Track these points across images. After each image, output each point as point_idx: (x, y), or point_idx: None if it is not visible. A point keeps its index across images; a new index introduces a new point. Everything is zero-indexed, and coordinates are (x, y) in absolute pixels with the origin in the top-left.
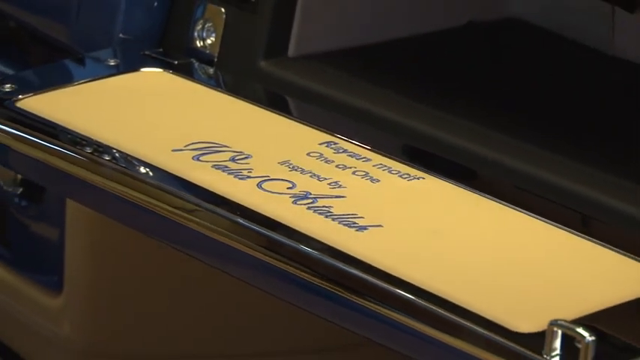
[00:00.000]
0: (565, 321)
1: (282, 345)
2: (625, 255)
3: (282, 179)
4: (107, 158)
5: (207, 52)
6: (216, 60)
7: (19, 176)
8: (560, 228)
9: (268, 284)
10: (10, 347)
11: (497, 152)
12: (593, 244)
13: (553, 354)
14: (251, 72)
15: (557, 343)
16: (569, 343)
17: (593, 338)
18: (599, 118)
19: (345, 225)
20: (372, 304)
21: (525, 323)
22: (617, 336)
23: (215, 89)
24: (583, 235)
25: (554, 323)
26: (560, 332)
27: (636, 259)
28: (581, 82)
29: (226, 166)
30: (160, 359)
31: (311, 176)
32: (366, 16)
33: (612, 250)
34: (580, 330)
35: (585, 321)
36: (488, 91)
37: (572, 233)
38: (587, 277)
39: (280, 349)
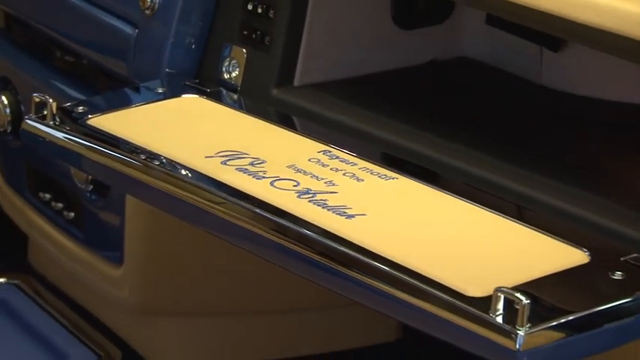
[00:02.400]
0: (507, 288)
1: (283, 303)
2: (550, 236)
3: (289, 179)
4: (156, 163)
5: (232, 82)
6: (239, 88)
7: (90, 177)
8: (500, 215)
9: (277, 258)
10: (84, 307)
11: (451, 158)
12: (526, 228)
13: (497, 313)
14: (265, 98)
15: (501, 305)
16: (510, 305)
17: (528, 301)
18: (529, 132)
19: (337, 214)
20: (356, 274)
21: (476, 290)
22: (547, 300)
23: (238, 110)
24: (518, 221)
25: (498, 290)
26: (502, 297)
27: (560, 240)
28: (517, 105)
29: (246, 169)
30: (195, 315)
31: (311, 177)
32: (353, 55)
33: (541, 232)
34: (518, 295)
35: (522, 288)
36: (447, 112)
37: (510, 219)
38: (522, 254)
39: (280, 307)
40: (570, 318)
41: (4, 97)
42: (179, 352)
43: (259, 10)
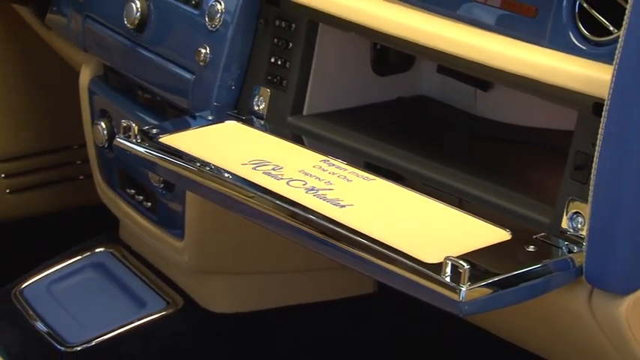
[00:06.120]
0: (453, 257)
1: (294, 266)
2: (483, 220)
3: (299, 180)
4: (207, 169)
5: (260, 112)
6: (265, 117)
7: (161, 178)
8: (447, 205)
9: (291, 235)
10: (157, 267)
11: (413, 165)
12: (466, 214)
13: (446, 275)
14: (283, 123)
15: (449, 269)
16: (455, 269)
17: (468, 267)
18: (467, 147)
19: (333, 204)
20: (346, 246)
21: (431, 258)
22: (481, 265)
23: (265, 132)
24: (460, 210)
25: (447, 258)
26: (450, 263)
27: (490, 223)
28: (458, 129)
29: (270, 173)
30: (236, 273)
31: (315, 178)
32: (344, 93)
33: (476, 217)
34: (461, 262)
35: (464, 257)
36: (409, 134)
37: (454, 208)
38: (464, 233)
39: (292, 269)
40: (497, 279)
41: (102, 123)
42: (224, 300)
43: (279, 63)
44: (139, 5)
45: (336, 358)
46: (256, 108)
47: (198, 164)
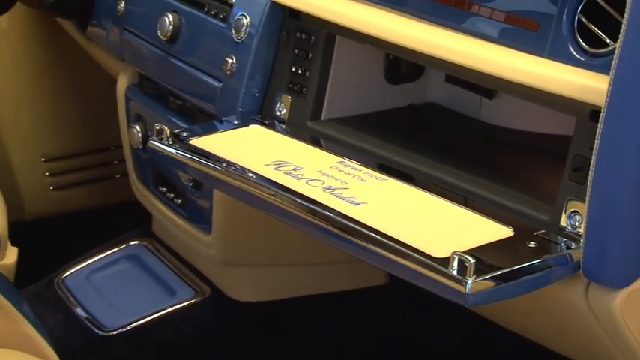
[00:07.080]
0: (460, 252)
1: (312, 259)
2: (487, 218)
3: (317, 179)
4: (233, 169)
5: (282, 117)
6: (286, 121)
7: (191, 177)
8: (454, 204)
9: (310, 231)
10: (187, 259)
11: (422, 167)
12: (472, 212)
13: (453, 269)
14: (303, 127)
15: (456, 263)
16: (462, 263)
17: (474, 261)
18: (473, 150)
19: (348, 202)
20: (360, 240)
21: (439, 252)
22: (485, 260)
23: (286, 136)
24: (466, 208)
25: (454, 253)
26: (457, 257)
27: (494, 220)
28: (464, 133)
29: (290, 173)
30: (259, 265)
31: (332, 178)
32: (359, 100)
33: (481, 215)
34: (467, 256)
35: (470, 252)
36: (419, 137)
37: (461, 207)
38: (470, 229)
39: (310, 261)
40: (500, 272)
41: (137, 127)
42: (248, 289)
43: (299, 72)
44: (171, 19)
45: (349, 344)
46: (278, 113)
47: (225, 165)
